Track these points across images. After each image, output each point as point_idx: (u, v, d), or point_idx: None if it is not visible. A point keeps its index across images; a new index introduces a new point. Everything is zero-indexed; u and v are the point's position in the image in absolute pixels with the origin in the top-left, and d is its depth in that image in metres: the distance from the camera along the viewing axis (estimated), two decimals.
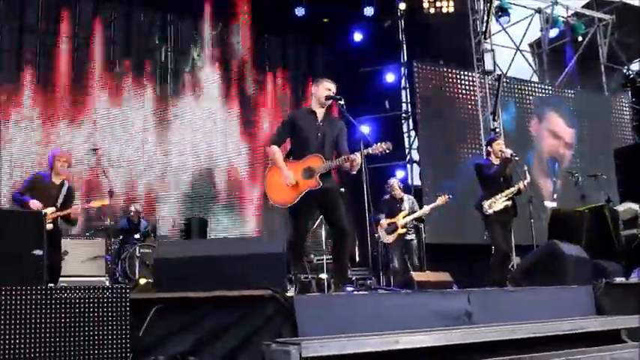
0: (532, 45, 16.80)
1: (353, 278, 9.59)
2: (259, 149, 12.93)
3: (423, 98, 12.92)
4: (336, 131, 5.47)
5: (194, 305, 3.69)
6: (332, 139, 5.43)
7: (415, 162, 13.78)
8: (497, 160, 7.47)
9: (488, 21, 12.89)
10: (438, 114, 12.86)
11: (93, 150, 11.00)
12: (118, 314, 3.19)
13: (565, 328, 4.44)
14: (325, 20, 13.77)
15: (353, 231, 6.24)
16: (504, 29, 15.14)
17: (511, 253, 9.05)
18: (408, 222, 8.83)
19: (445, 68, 13.42)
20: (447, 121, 12.92)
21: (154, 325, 3.56)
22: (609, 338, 4.66)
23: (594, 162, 14.27)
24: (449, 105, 13.07)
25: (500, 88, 12.42)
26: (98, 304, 3.17)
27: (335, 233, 5.47)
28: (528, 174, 7.58)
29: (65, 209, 6.71)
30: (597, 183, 9.76)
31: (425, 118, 12.93)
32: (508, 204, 7.28)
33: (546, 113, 14.30)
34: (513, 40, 15.53)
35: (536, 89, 14.85)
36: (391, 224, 8.81)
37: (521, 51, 15.79)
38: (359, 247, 11.22)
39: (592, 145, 14.68)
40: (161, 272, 4.25)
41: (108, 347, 3.13)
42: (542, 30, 16.42)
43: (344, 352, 3.54)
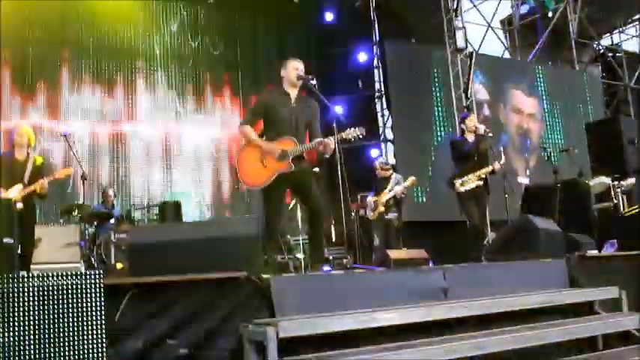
0: (503, 21, 16.87)
1: (329, 257, 9.63)
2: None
3: (396, 77, 12.89)
4: (310, 113, 5.43)
5: (169, 289, 3.67)
6: (305, 122, 5.38)
7: (389, 141, 13.84)
8: (471, 137, 7.53)
9: None
10: (412, 92, 12.84)
11: (63, 136, 10.75)
12: (93, 300, 3.16)
13: (539, 301, 4.51)
14: (296, 1, 13.63)
15: (327, 211, 6.24)
16: (475, 6, 15.20)
17: (486, 229, 9.17)
18: (387, 200, 9.06)
19: (417, 47, 13.43)
20: (421, 100, 12.92)
21: (130, 310, 3.54)
22: (583, 310, 4.76)
23: (566, 137, 14.47)
24: (422, 83, 13.06)
25: (472, 66, 12.45)
26: (72, 291, 3.13)
27: (308, 213, 5.48)
28: (504, 155, 7.65)
29: (36, 182, 6.56)
30: (569, 157, 9.86)
31: (398, 97, 12.92)
32: (479, 184, 7.33)
33: (507, 92, 14.35)
34: (485, 17, 15.58)
35: (505, 65, 15.00)
36: (375, 202, 9.12)
37: (492, 28, 15.85)
38: (335, 227, 11.25)
39: (564, 120, 14.84)
40: (136, 257, 4.22)
41: (83, 333, 3.10)
42: (512, 7, 16.51)
43: (321, 332, 3.56)
